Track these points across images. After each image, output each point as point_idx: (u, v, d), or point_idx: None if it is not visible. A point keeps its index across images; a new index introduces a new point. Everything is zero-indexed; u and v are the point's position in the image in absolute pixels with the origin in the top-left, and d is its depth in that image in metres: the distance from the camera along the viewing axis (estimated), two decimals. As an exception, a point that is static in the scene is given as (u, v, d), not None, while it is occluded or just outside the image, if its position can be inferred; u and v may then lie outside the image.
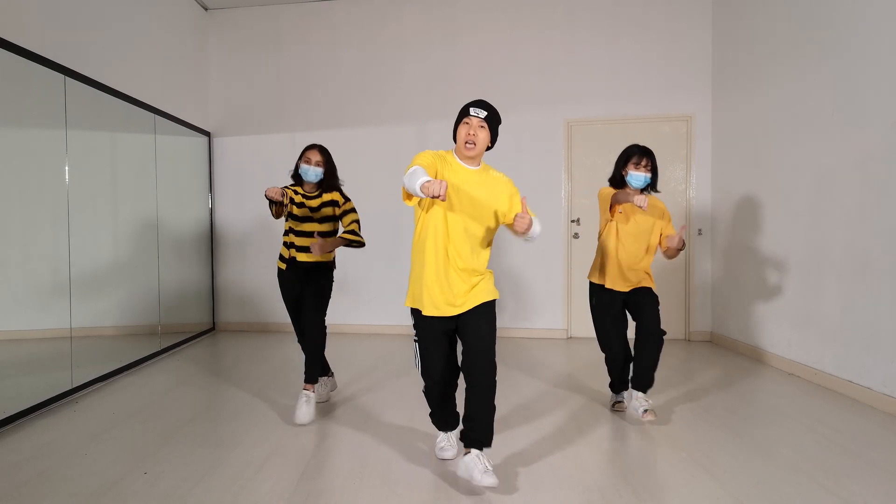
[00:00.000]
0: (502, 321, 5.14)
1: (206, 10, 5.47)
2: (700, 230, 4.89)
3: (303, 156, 2.95)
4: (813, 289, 3.55)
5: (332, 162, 3.02)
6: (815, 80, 3.53)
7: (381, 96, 5.30)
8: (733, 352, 4.44)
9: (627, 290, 2.86)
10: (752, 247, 4.25)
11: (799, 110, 3.68)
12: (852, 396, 3.18)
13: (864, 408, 3.02)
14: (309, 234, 2.95)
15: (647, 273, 2.91)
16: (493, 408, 2.14)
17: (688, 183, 4.90)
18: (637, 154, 2.79)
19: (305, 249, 2.96)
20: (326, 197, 3.00)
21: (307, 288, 3.00)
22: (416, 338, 2.26)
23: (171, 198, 4.64)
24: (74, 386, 3.36)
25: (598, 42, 4.99)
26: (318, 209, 2.98)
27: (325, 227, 3.00)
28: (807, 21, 3.60)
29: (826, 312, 3.43)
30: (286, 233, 3.02)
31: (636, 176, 2.79)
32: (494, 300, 2.21)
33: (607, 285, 2.86)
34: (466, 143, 2.10)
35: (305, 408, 2.81)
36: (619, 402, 3.01)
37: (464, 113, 2.14)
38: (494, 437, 2.68)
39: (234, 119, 5.50)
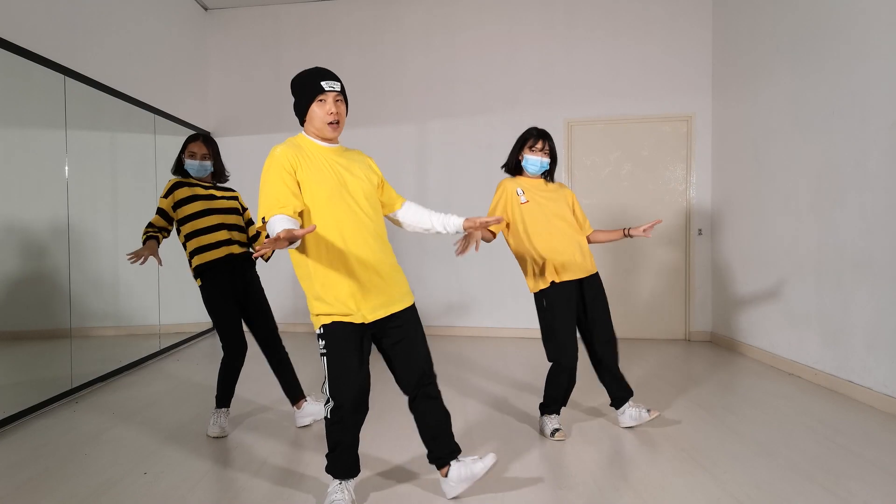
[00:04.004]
0: (503, 321, 5.14)
1: (206, 10, 5.47)
2: (700, 230, 4.89)
3: (185, 149, 2.62)
4: (813, 289, 3.55)
5: (219, 155, 2.73)
6: (815, 79, 3.53)
7: (382, 96, 5.30)
8: (733, 352, 4.44)
9: (584, 275, 2.56)
10: (752, 247, 4.25)
11: (799, 110, 3.68)
12: (852, 396, 3.18)
13: (864, 408, 3.01)
14: (217, 228, 2.62)
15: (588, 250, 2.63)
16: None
17: (688, 183, 4.90)
18: (534, 136, 2.55)
19: (217, 245, 2.62)
20: (223, 186, 2.74)
21: (245, 288, 2.71)
22: (325, 349, 1.87)
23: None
24: (74, 386, 3.36)
25: (598, 42, 4.99)
26: (217, 198, 2.68)
27: (232, 220, 2.68)
28: (807, 20, 3.60)
29: (826, 312, 3.43)
30: (190, 237, 2.63)
31: (532, 160, 2.54)
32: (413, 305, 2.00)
33: (562, 279, 2.51)
34: (329, 123, 1.83)
35: (310, 413, 2.82)
36: (560, 428, 2.61)
37: (314, 89, 1.82)
38: (495, 434, 2.69)
39: (234, 119, 5.50)
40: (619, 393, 2.69)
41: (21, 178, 3.07)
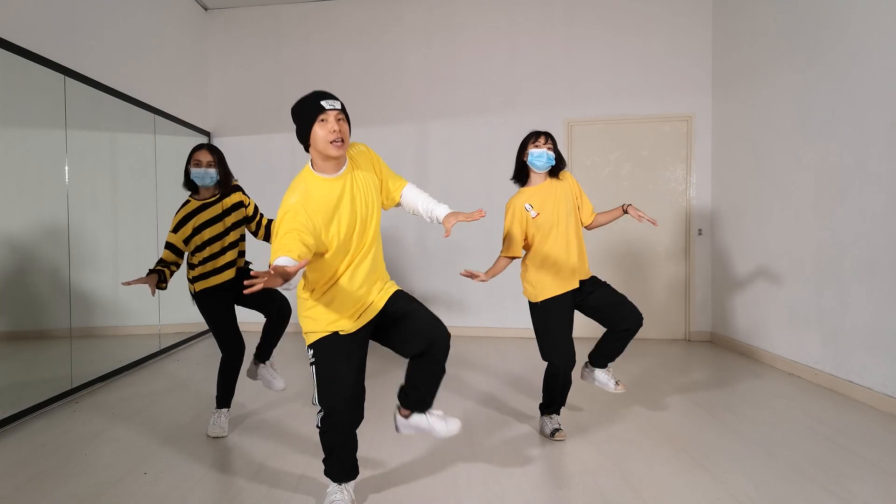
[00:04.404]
0: (503, 321, 5.14)
1: (206, 10, 5.47)
2: (700, 230, 4.89)
3: (191, 159, 2.64)
4: (813, 289, 3.55)
5: (225, 162, 2.74)
6: (815, 79, 3.52)
7: (382, 96, 5.30)
8: (733, 352, 4.44)
9: (577, 284, 2.55)
10: (752, 247, 4.25)
11: (799, 110, 3.68)
12: (852, 396, 3.18)
13: (864, 408, 3.01)
14: (220, 254, 2.66)
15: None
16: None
17: (688, 183, 4.90)
18: (535, 134, 2.56)
19: (221, 269, 2.68)
20: (228, 201, 2.71)
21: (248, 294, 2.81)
22: (314, 358, 1.90)
23: (170, 198, 4.63)
24: (74, 386, 3.35)
25: (597, 42, 4.99)
26: (225, 215, 2.68)
27: (235, 236, 2.71)
28: (807, 20, 3.59)
29: (826, 312, 3.43)
30: (194, 266, 2.68)
31: (537, 154, 2.51)
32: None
33: (558, 292, 2.52)
34: (332, 141, 1.77)
35: (262, 377, 2.85)
36: (560, 428, 2.63)
37: (315, 110, 1.79)
38: (495, 435, 2.68)
39: (235, 119, 5.50)
40: (603, 357, 2.66)
41: (21, 178, 3.07)
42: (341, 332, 1.89)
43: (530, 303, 2.61)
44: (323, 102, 1.79)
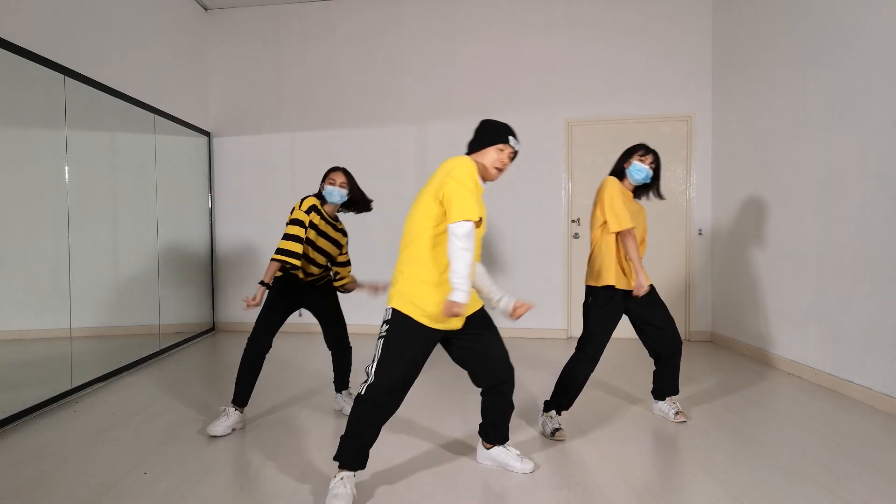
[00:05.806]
0: (502, 321, 5.14)
1: (206, 10, 5.47)
2: (700, 230, 4.89)
3: (327, 177, 2.86)
4: (813, 288, 3.55)
5: (356, 185, 2.90)
6: (815, 79, 3.53)
7: (381, 97, 5.30)
8: (733, 352, 4.44)
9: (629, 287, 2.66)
10: (752, 246, 4.25)
11: (799, 109, 3.68)
12: (852, 396, 3.18)
13: (864, 408, 3.01)
14: (312, 263, 2.84)
15: None
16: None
17: (688, 183, 4.90)
18: (644, 148, 2.71)
19: (300, 269, 2.84)
20: (341, 234, 2.95)
21: (321, 302, 2.96)
22: (386, 333, 1.99)
23: (171, 198, 4.64)
24: (74, 386, 3.36)
25: (598, 42, 4.99)
26: (330, 238, 2.88)
27: (325, 259, 2.90)
28: (807, 20, 3.60)
29: (826, 312, 3.43)
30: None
31: (639, 167, 2.67)
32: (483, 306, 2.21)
33: (617, 284, 2.60)
34: (497, 168, 2.09)
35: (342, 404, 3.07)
36: (560, 428, 2.65)
37: (503, 138, 2.07)
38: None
39: (234, 119, 5.50)
40: (667, 389, 2.86)
41: (21, 178, 3.07)
42: (427, 325, 2.00)
43: (589, 287, 2.68)
44: (511, 139, 2.09)
